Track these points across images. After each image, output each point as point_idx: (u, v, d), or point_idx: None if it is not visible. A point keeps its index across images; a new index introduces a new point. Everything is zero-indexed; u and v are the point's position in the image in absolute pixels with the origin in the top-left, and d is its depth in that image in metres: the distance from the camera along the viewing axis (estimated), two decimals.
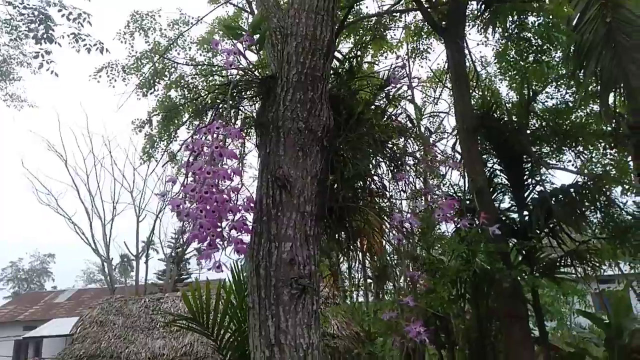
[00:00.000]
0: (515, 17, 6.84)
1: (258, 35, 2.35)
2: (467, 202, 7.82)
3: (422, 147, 2.15)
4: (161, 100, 8.30)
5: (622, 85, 4.46)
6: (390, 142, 2.16)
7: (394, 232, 1.93)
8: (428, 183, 2.05)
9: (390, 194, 2.15)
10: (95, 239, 23.13)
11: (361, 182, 2.19)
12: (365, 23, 9.02)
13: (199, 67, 9.13)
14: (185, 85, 8.44)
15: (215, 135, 1.93)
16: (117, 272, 33.15)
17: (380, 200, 2.22)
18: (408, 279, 2.03)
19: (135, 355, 9.44)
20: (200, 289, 4.78)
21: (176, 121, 8.33)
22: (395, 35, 10.24)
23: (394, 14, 9.29)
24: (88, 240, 23.03)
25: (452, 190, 10.01)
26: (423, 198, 2.06)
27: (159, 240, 24.45)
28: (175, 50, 9.67)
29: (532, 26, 6.63)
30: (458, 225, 8.35)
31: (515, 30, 6.96)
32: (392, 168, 2.17)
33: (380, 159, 2.20)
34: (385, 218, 2.00)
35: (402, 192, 2.19)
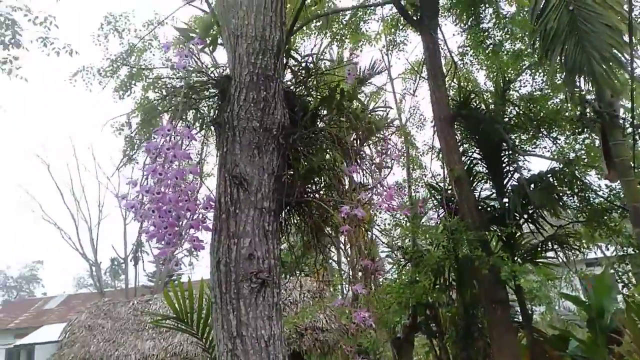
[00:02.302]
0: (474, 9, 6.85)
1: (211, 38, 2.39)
2: (448, 191, 7.92)
3: (375, 141, 2.21)
4: (139, 102, 8.28)
5: (586, 70, 4.57)
6: (339, 135, 2.21)
7: (343, 223, 1.99)
8: (375, 175, 2.11)
9: (345, 187, 2.21)
10: (82, 244, 23.02)
11: (316, 177, 2.25)
12: (341, 17, 9.06)
13: (168, 69, 9.11)
14: (163, 87, 8.36)
15: (167, 138, 1.98)
16: (107, 275, 32.97)
17: (334, 194, 2.27)
18: (362, 268, 2.09)
19: (125, 358, 9.45)
20: (184, 289, 4.82)
21: (154, 122, 8.25)
22: (370, 28, 10.29)
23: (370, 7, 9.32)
24: (75, 245, 22.92)
25: (435, 181, 10.14)
26: (370, 191, 2.11)
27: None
28: (151, 51, 9.64)
29: (487, 17, 6.64)
30: (441, 216, 8.49)
31: (472, 21, 7.02)
32: (346, 162, 2.23)
33: (336, 154, 2.26)
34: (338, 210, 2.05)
35: (358, 186, 2.25)
